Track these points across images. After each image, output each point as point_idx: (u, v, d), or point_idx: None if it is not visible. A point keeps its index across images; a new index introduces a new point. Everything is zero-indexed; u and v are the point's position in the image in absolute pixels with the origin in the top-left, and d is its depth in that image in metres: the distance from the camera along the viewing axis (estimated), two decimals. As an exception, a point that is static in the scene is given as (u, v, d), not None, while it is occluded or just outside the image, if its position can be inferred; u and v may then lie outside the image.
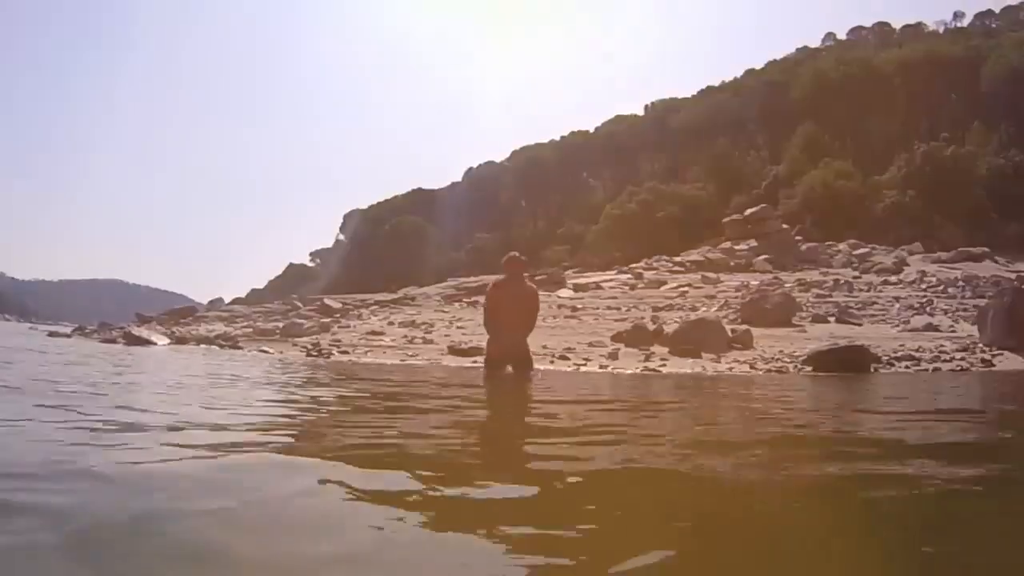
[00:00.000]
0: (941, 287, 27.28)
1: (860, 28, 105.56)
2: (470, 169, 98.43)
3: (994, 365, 13.83)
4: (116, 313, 67.54)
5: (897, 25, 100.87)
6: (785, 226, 42.23)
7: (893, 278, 30.50)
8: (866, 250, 39.08)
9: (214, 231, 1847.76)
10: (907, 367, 13.48)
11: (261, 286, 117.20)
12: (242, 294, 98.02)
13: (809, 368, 12.98)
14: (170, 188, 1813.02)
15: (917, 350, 15.04)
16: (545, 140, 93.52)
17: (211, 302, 45.81)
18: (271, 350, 17.35)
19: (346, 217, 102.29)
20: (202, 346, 19.28)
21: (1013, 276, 29.33)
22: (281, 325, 23.98)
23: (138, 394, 6.74)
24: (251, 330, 24.37)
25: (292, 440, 4.15)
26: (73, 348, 17.17)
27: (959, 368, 13.43)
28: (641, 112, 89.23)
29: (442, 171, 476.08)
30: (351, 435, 4.30)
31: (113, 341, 21.69)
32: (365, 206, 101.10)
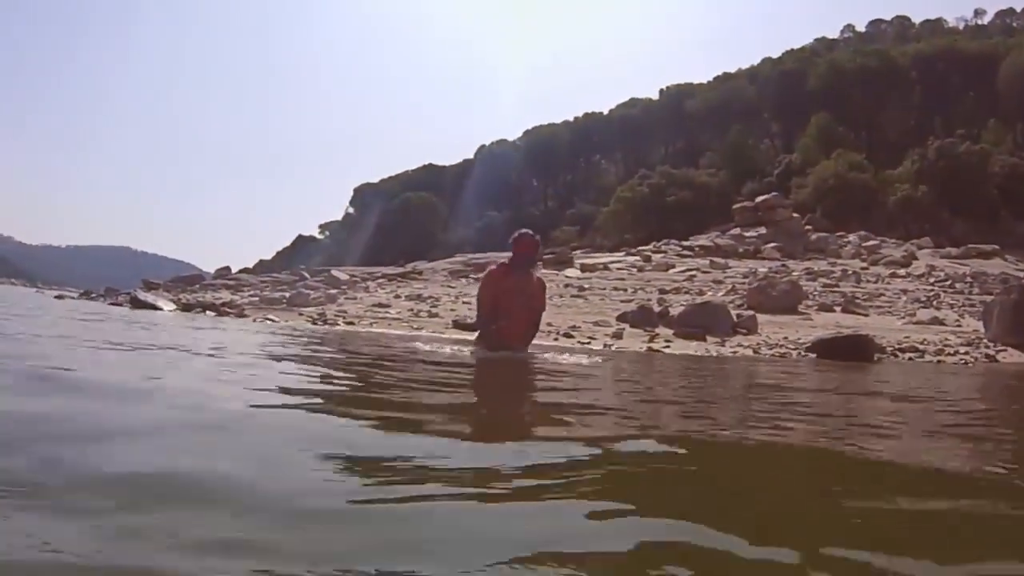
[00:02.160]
0: (949, 282, 27.28)
1: (880, 21, 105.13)
2: (482, 147, 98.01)
3: (997, 361, 13.86)
4: (123, 279, 67.64)
5: (917, 20, 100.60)
6: (795, 215, 42.20)
7: (901, 271, 30.56)
8: (876, 242, 39.09)
9: (224, 201, 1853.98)
10: (911, 359, 13.53)
11: (269, 257, 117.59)
12: (250, 264, 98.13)
13: (813, 355, 13.03)
14: (181, 157, 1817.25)
15: (922, 342, 15.08)
16: (559, 120, 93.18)
17: (218, 271, 45.80)
18: (277, 319, 17.41)
19: (356, 190, 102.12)
20: (208, 312, 19.34)
21: (1022, 275, 29.32)
22: (288, 295, 24.05)
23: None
24: (257, 299, 24.43)
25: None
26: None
27: (962, 362, 13.47)
28: (656, 96, 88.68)
29: (454, 148, 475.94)
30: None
31: (119, 305, 21.78)
32: (376, 180, 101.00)
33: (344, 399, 4.42)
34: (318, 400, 4.14)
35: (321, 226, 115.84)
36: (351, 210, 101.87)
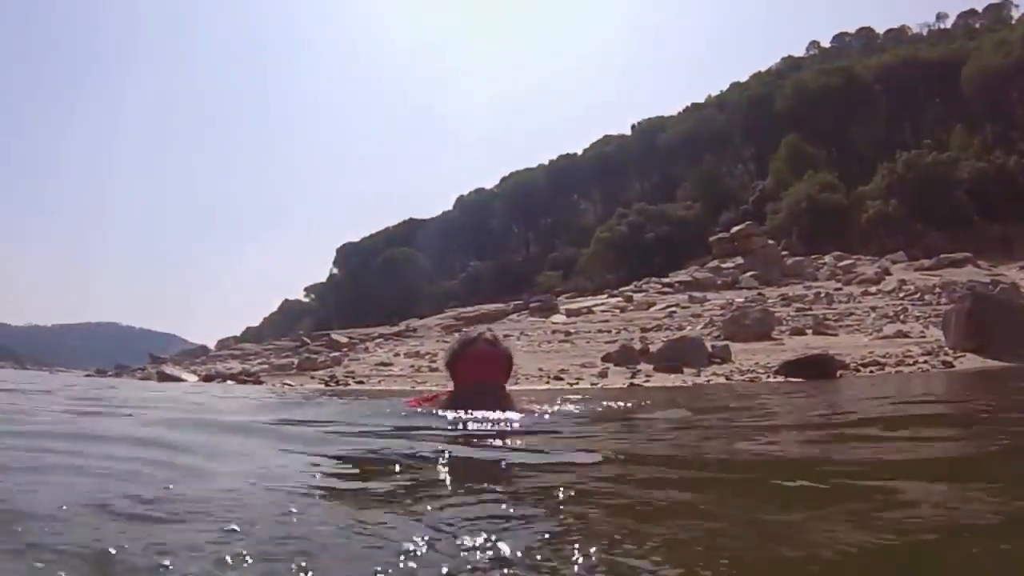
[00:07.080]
0: (918, 295, 28.33)
1: (844, 35, 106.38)
2: (460, 197, 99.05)
3: (954, 366, 15.00)
4: (113, 356, 68.06)
5: (881, 30, 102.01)
6: (771, 241, 42.97)
7: (873, 288, 31.52)
8: (851, 261, 39.99)
9: (205, 271, 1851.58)
10: (871, 372, 14.67)
11: (256, 324, 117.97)
12: (237, 332, 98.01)
13: (781, 377, 14.19)
14: (164, 230, 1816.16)
15: (884, 356, 16.25)
16: (534, 164, 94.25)
17: (220, 342, 47.01)
18: (292, 383, 18.51)
19: (339, 250, 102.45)
20: (228, 382, 20.43)
21: (988, 280, 30.46)
22: (295, 361, 25.14)
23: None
24: (267, 366, 25.55)
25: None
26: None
27: (921, 371, 14.62)
28: (628, 132, 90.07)
29: (433, 200, 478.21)
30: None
31: (148, 379, 22.94)
32: (358, 239, 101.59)
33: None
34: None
35: (306, 289, 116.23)
36: (335, 270, 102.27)
